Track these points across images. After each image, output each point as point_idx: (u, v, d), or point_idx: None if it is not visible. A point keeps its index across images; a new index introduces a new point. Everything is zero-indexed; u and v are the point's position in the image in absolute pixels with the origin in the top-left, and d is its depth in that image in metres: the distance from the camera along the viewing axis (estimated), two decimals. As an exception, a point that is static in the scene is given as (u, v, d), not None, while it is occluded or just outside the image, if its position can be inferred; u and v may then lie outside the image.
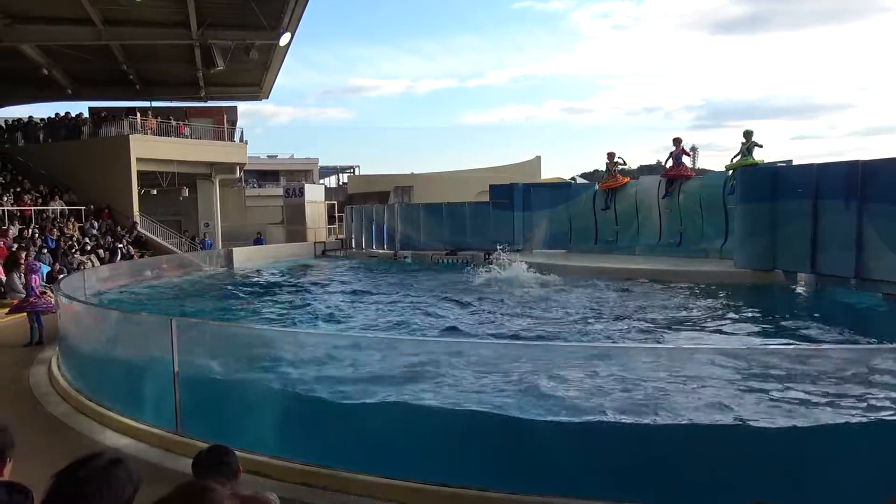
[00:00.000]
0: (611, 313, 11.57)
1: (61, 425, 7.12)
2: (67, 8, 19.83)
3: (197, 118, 30.92)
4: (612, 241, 20.16)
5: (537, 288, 14.85)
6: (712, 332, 9.87)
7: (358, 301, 14.13)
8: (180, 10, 20.21)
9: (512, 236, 21.61)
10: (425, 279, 17.77)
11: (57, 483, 1.78)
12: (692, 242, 17.75)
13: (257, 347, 7.11)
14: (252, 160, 37.07)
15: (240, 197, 38.63)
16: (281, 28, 21.74)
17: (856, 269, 11.50)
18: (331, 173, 50.65)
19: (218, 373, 6.74)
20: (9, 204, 21.55)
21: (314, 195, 30.33)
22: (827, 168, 12.46)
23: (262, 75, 28.03)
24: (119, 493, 1.78)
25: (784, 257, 13.23)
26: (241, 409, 6.15)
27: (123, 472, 1.81)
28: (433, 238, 23.38)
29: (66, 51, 23.36)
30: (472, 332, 10.34)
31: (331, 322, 11.90)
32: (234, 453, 2.88)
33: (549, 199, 21.79)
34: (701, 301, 12.62)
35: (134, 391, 7.26)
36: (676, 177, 18.39)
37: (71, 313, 9.22)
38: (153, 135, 27.48)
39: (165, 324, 6.38)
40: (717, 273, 14.56)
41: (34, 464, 3.23)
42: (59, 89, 28.18)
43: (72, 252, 19.84)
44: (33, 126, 28.64)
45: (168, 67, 27.45)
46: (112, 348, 8.08)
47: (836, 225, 11.88)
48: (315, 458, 5.31)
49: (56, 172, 25.58)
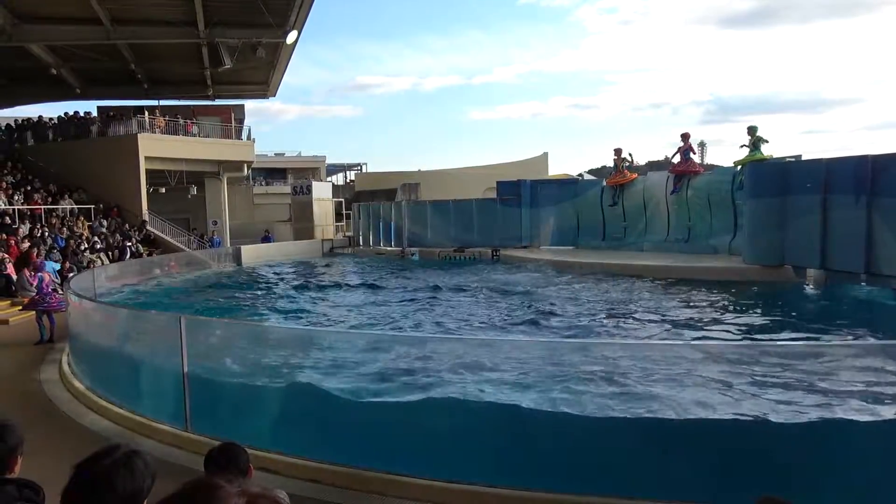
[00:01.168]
0: (619, 310, 11.55)
1: (71, 422, 7.18)
2: (76, 7, 19.91)
3: (205, 116, 31.01)
4: (619, 237, 20.10)
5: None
6: (721, 329, 9.83)
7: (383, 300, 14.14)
8: (188, 8, 20.26)
9: (519, 233, 21.60)
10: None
11: (81, 472, 1.80)
12: (700, 239, 17.67)
13: (266, 345, 7.14)
14: (259, 158, 37.11)
15: (247, 195, 38.72)
16: (288, 26, 21.75)
17: (866, 265, 11.41)
18: (338, 171, 50.63)
19: (227, 370, 6.77)
20: (19, 203, 21.68)
21: (322, 193, 30.35)
22: (836, 163, 12.37)
23: (270, 73, 28.07)
24: (141, 482, 1.82)
25: (793, 253, 13.14)
26: (251, 406, 6.18)
27: (142, 463, 1.86)
28: (440, 235, 23.38)
29: (75, 50, 23.48)
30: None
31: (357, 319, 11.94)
32: (245, 451, 2.90)
33: (556, 195, 21.77)
34: (709, 297, 12.57)
35: (144, 388, 7.31)
36: (685, 172, 18.32)
37: (81, 311, 9.28)
38: (161, 133, 27.61)
39: (175, 321, 6.41)
40: (726, 269, 14.49)
41: (44, 460, 3.26)
42: (67, 89, 28.31)
43: (81, 251, 19.95)
44: (43, 125, 28.82)
45: (176, 66, 27.54)
46: (122, 346, 8.13)
47: (845, 220, 11.79)
48: (324, 456, 5.33)
49: (65, 171, 25.72)
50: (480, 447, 5.07)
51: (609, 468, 4.66)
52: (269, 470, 5.23)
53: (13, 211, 20.70)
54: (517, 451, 4.97)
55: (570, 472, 4.74)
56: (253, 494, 0.96)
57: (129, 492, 1.78)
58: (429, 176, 39.33)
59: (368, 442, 5.38)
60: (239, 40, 22.51)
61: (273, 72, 27.81)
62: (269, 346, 7.06)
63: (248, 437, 4.70)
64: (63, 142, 27.36)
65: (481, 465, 4.92)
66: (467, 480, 4.78)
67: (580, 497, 4.46)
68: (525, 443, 4.99)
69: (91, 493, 1.76)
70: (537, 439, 4.97)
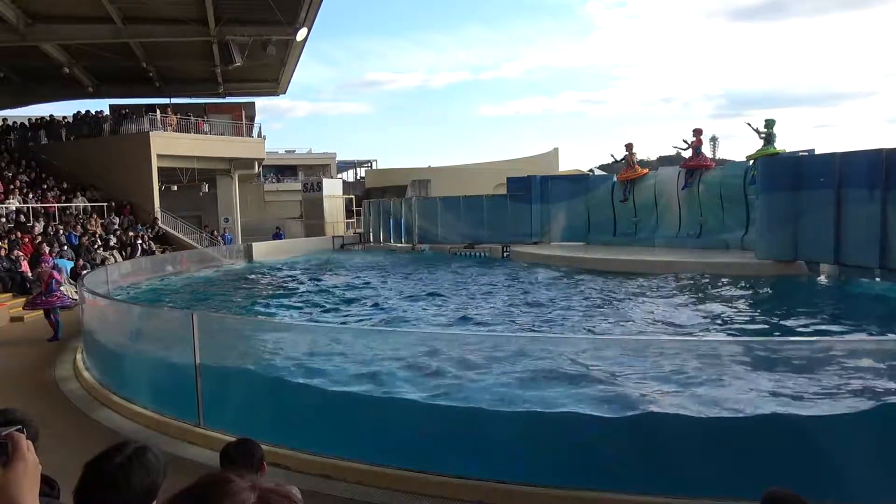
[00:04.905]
0: (630, 308, 11.51)
1: (84, 416, 7.25)
2: (88, 7, 20.03)
3: (216, 114, 31.13)
4: (630, 232, 20.01)
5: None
6: (737, 325, 9.78)
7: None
8: (198, 7, 20.34)
9: (530, 229, 21.55)
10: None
11: (94, 470, 1.81)
12: (712, 234, 17.56)
13: (277, 341, 7.17)
14: (270, 155, 37.22)
15: (258, 192, 38.87)
16: (298, 23, 21.78)
17: (880, 260, 11.29)
18: (348, 167, 50.72)
19: (240, 366, 6.81)
20: (33, 201, 21.88)
21: (332, 189, 30.41)
22: (850, 157, 12.24)
23: (280, 70, 28.13)
24: (155, 477, 1.84)
25: (806, 248, 13.02)
26: (263, 401, 6.21)
27: (154, 458, 1.88)
28: (451, 231, 23.37)
29: (87, 49, 23.63)
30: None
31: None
32: (259, 447, 2.93)
33: (567, 191, 21.68)
34: (723, 293, 12.50)
35: (156, 384, 7.36)
36: (696, 167, 18.21)
37: (94, 308, 9.36)
38: (173, 131, 27.75)
39: (187, 318, 6.45)
40: (739, 264, 14.38)
41: (57, 455, 3.29)
42: (80, 87, 28.49)
43: (94, 248, 20.11)
44: (56, 124, 29.05)
45: (187, 64, 27.66)
46: (135, 342, 8.19)
47: (859, 214, 11.66)
48: (336, 451, 5.35)
49: (78, 170, 25.91)
50: (487, 444, 5.08)
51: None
52: (281, 465, 5.26)
53: (28, 209, 20.90)
54: (536, 447, 4.97)
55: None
56: (265, 489, 0.96)
57: (146, 486, 1.80)
58: (439, 172, 39.33)
59: (380, 437, 5.40)
60: (249, 38, 22.56)
61: (283, 69, 27.86)
62: (278, 342, 7.11)
63: (260, 432, 4.72)
64: (76, 140, 27.57)
65: (490, 462, 4.93)
66: (478, 477, 4.79)
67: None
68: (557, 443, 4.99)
69: (108, 489, 1.77)
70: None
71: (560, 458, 4.83)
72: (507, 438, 5.02)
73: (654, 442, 4.75)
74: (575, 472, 4.70)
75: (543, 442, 4.93)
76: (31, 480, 1.39)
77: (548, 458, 4.84)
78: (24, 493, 1.35)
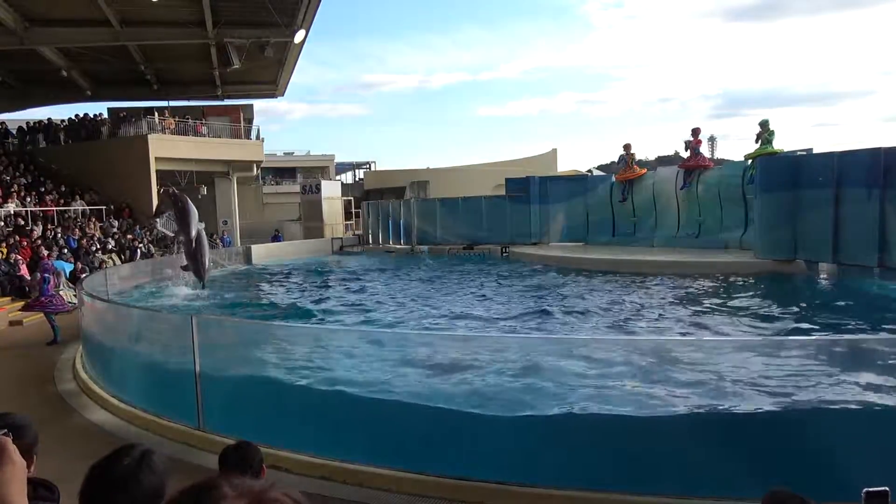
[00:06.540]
0: (632, 307, 11.51)
1: (83, 420, 7.23)
2: (85, 10, 20.03)
3: (214, 117, 31.14)
4: (629, 233, 20.02)
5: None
6: (736, 324, 9.78)
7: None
8: (196, 9, 20.33)
9: (529, 229, 21.55)
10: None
11: (101, 472, 1.82)
12: (711, 233, 17.56)
13: (277, 343, 7.17)
14: (269, 157, 37.24)
15: (257, 194, 38.89)
16: (295, 25, 21.79)
17: (879, 259, 11.31)
18: (347, 169, 50.75)
19: (239, 369, 6.80)
20: (32, 205, 21.86)
21: (331, 191, 30.41)
22: (848, 156, 12.24)
23: (278, 73, 28.14)
24: (162, 478, 1.85)
25: (805, 247, 13.04)
26: (262, 404, 6.20)
27: (159, 461, 1.89)
28: (450, 232, 23.37)
29: (85, 52, 23.61)
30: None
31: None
32: (258, 450, 2.93)
33: (565, 191, 21.69)
34: (722, 292, 12.50)
35: (156, 387, 7.36)
36: (695, 167, 18.22)
37: (93, 311, 9.35)
38: (171, 134, 27.75)
39: (186, 321, 6.45)
40: (738, 264, 14.39)
41: (57, 459, 3.28)
42: (78, 90, 28.48)
43: (93, 251, 20.09)
44: (54, 127, 29.02)
45: (185, 67, 27.66)
46: (134, 345, 8.18)
47: (858, 213, 11.67)
48: (336, 454, 5.34)
49: (77, 173, 25.91)
50: (487, 443, 5.08)
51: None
52: (280, 468, 5.25)
53: (26, 213, 20.88)
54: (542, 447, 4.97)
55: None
56: (256, 492, 0.95)
57: (155, 487, 1.81)
58: (438, 173, 39.35)
59: (380, 439, 5.39)
60: (247, 40, 22.57)
61: (281, 71, 27.87)
62: (278, 344, 7.10)
63: (260, 435, 4.72)
64: (74, 143, 27.58)
65: (491, 462, 4.92)
66: (479, 478, 4.79)
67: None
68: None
69: (118, 491, 1.78)
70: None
71: (560, 459, 4.83)
72: (507, 439, 5.02)
73: (654, 442, 4.75)
74: (575, 473, 4.70)
75: (543, 442, 4.93)
76: (19, 483, 1.40)
77: (548, 459, 4.84)
78: (13, 495, 1.36)
